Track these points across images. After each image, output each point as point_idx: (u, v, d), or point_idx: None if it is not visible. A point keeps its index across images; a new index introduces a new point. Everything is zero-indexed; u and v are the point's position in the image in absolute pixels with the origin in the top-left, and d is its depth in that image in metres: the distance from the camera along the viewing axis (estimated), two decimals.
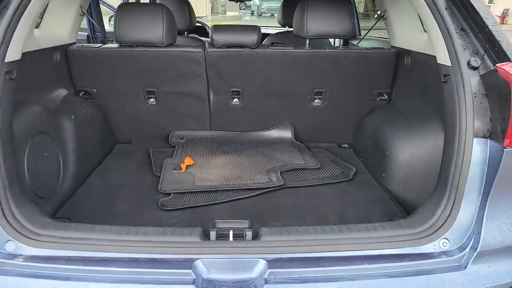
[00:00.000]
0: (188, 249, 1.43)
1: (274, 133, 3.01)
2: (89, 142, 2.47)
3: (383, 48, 2.66)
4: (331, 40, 3.71)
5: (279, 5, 4.22)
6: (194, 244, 1.45)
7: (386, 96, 2.81)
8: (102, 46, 2.60)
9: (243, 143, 2.94)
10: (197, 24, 4.24)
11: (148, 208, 2.01)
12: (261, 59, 2.60)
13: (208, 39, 2.69)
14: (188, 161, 2.55)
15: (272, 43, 2.68)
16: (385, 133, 2.42)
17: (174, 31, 2.57)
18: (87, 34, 4.05)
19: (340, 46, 2.65)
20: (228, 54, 2.58)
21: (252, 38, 2.52)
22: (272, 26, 5.85)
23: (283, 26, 3.97)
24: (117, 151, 2.80)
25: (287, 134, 3.00)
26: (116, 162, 2.60)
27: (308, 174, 2.47)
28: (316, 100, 2.85)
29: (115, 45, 2.60)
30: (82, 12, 2.62)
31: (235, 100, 2.85)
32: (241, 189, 2.23)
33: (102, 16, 4.10)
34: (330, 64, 2.62)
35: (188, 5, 3.64)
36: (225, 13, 26.79)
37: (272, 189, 2.25)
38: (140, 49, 2.53)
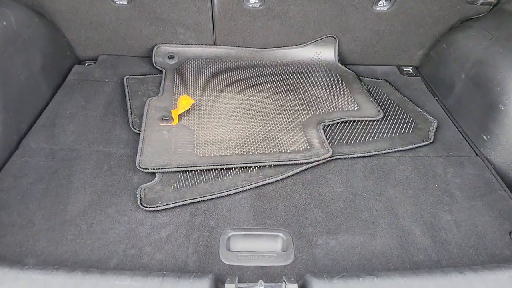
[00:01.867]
0: None
1: (308, 51, 2.04)
2: (23, 72, 1.55)
3: None
4: None
5: None
6: None
7: None
8: None
9: (263, 67, 2.00)
10: None
11: (119, 209, 1.23)
12: None
13: None
14: (182, 104, 1.66)
15: None
16: (499, 70, 1.49)
17: None
18: None
19: None
20: None
21: None
22: None
23: None
24: (75, 79, 1.87)
25: (328, 53, 2.03)
26: (71, 102, 1.71)
27: (366, 132, 1.62)
28: (381, 3, 1.80)
29: None
30: None
31: (253, 0, 1.80)
32: (266, 164, 1.42)
33: None
34: None
35: None
36: None
37: (315, 163, 1.44)
38: None
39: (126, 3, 1.79)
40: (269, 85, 1.88)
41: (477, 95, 1.57)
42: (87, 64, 2.04)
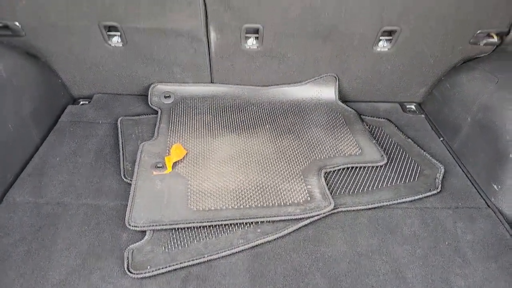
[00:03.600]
0: None
1: (308, 90, 1.98)
2: (11, 120, 1.49)
3: None
4: None
5: None
6: None
7: (496, 38, 1.71)
8: None
9: (261, 106, 1.94)
10: None
11: (104, 275, 1.13)
12: None
13: None
14: (176, 152, 1.59)
15: None
16: (507, 118, 1.42)
17: None
18: None
19: None
20: None
21: None
22: None
23: None
24: (67, 120, 1.81)
25: (328, 92, 1.97)
26: (61, 147, 1.64)
27: (369, 179, 1.54)
28: (381, 44, 1.76)
29: None
30: None
31: (251, 41, 1.75)
32: (265, 219, 1.33)
33: None
34: None
35: None
36: None
37: (316, 217, 1.35)
38: None
39: (121, 45, 1.74)
40: (267, 126, 1.82)
41: (485, 141, 1.50)
42: (81, 103, 1.99)
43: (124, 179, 1.49)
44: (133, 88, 1.99)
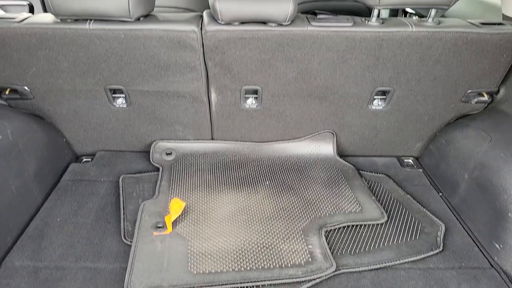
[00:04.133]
0: None
1: (306, 146, 2.02)
2: (15, 182, 1.51)
3: (501, 23, 1.57)
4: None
5: None
6: None
7: (486, 96, 1.79)
8: (27, 20, 1.52)
9: (261, 162, 1.97)
10: None
11: None
12: (297, 43, 1.53)
13: None
14: (175, 208, 1.60)
15: (314, 13, 1.59)
16: (504, 177, 1.44)
17: None
18: None
19: (418, 19, 1.58)
20: (241, 35, 1.51)
21: (283, 7, 1.43)
22: None
23: None
24: (69, 179, 1.84)
25: (326, 147, 2.01)
26: (63, 207, 1.65)
27: (370, 238, 1.53)
28: (376, 102, 1.82)
29: (48, 17, 1.53)
30: None
31: (250, 101, 1.82)
32: (266, 283, 1.31)
33: None
34: (411, 50, 1.56)
35: None
36: None
37: (318, 279, 1.33)
38: (92, 26, 1.47)
39: (125, 106, 1.81)
40: (267, 182, 1.84)
41: (484, 199, 1.51)
42: (84, 160, 2.02)
43: (124, 241, 1.48)
44: (136, 145, 2.04)
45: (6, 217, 1.43)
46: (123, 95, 1.78)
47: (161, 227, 1.54)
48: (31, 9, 2.91)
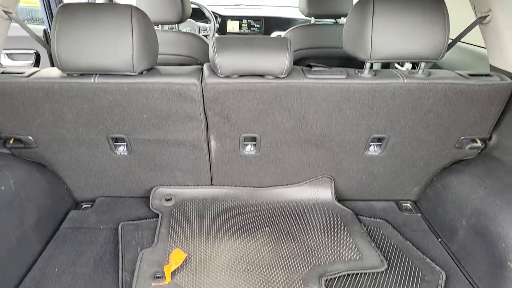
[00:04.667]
0: None
1: (305, 191, 2.05)
2: (15, 233, 1.52)
3: (488, 75, 1.65)
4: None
5: None
6: None
7: (479, 142, 1.83)
8: (35, 75, 1.59)
9: (260, 208, 1.98)
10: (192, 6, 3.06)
11: None
12: (294, 94, 1.60)
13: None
14: (175, 259, 1.59)
15: (309, 65, 1.67)
16: (501, 225, 1.46)
17: (151, 50, 1.56)
18: (44, 29, 2.99)
19: (409, 71, 1.66)
20: (239, 87, 1.58)
21: (280, 62, 1.51)
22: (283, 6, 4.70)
23: (308, 16, 2.89)
24: (69, 227, 1.84)
25: (325, 192, 2.03)
26: (61, 256, 1.64)
27: (371, 287, 1.52)
28: (372, 148, 1.87)
29: (54, 71, 1.61)
30: (8, 16, 1.59)
31: (249, 148, 1.87)
32: None
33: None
34: (403, 100, 1.63)
35: None
36: None
37: None
38: (97, 80, 1.54)
39: (127, 153, 1.85)
40: (266, 228, 1.84)
41: (482, 246, 1.51)
42: (84, 206, 2.03)
43: None
44: (136, 191, 2.06)
45: (3, 269, 1.42)
46: (125, 143, 1.82)
47: (160, 277, 1.52)
48: (38, 57, 3.03)
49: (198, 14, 3.77)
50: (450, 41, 1.83)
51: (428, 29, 1.49)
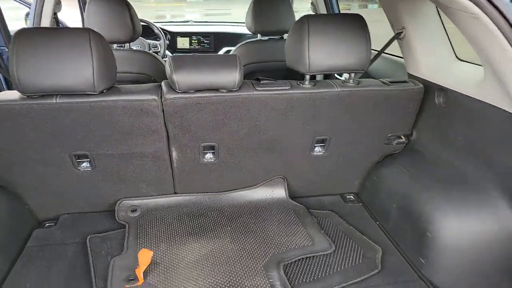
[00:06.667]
0: None
1: (261, 192, 2.26)
2: None
3: (405, 81, 1.99)
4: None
5: None
6: None
7: (403, 138, 2.17)
8: None
9: (222, 210, 2.16)
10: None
11: None
12: (246, 105, 1.82)
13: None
14: (143, 259, 1.71)
15: (257, 79, 1.91)
16: (421, 204, 1.77)
17: (110, 69, 1.70)
18: None
19: (342, 80, 1.97)
20: (196, 101, 1.77)
21: (231, 77, 1.73)
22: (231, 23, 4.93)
23: (254, 33, 3.15)
24: (34, 245, 1.89)
25: (279, 192, 2.26)
26: (30, 274, 1.69)
27: (321, 266, 1.76)
28: (317, 149, 2.13)
29: (14, 94, 1.68)
30: None
31: (208, 156, 2.05)
32: None
33: (3, 20, 2.83)
34: (339, 106, 1.91)
35: (129, 8, 2.57)
36: None
37: None
38: (58, 100, 1.65)
39: (90, 169, 1.95)
40: (228, 228, 2.02)
41: (410, 223, 1.82)
42: (47, 224, 2.07)
43: None
44: (100, 205, 2.14)
45: None
46: (88, 159, 1.92)
47: (133, 279, 1.64)
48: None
49: (148, 32, 3.86)
50: (376, 53, 2.18)
51: (353, 45, 1.80)
